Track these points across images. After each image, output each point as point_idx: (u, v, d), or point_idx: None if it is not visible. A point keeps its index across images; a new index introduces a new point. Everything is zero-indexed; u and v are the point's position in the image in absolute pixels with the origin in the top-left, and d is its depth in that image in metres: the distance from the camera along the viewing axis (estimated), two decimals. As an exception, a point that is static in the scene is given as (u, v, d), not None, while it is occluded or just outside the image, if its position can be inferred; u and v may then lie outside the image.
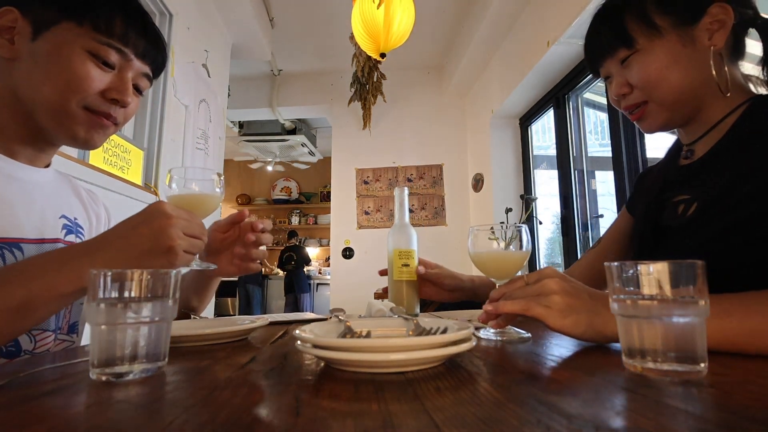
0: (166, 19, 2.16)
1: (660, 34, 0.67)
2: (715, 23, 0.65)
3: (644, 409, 0.28)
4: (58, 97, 0.62)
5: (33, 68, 0.62)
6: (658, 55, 0.67)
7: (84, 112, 0.64)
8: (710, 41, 0.66)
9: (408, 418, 0.27)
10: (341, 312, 0.67)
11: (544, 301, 0.52)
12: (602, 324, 0.49)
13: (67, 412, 0.30)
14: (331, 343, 0.41)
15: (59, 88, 0.62)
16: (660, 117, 0.71)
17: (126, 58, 0.66)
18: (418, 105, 4.16)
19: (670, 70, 0.67)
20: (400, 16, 2.02)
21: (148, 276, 0.39)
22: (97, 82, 0.63)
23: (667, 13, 0.67)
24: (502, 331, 0.59)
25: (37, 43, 0.62)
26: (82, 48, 0.62)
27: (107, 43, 0.64)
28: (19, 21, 0.62)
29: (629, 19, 0.69)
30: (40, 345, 0.64)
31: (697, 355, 0.34)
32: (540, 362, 0.43)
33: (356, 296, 3.85)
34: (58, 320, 0.68)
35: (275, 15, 3.31)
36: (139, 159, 1.96)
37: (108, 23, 0.63)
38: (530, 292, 0.54)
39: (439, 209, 4.00)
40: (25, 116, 0.64)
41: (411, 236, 0.93)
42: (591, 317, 0.50)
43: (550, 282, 0.53)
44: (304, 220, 7.01)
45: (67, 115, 0.63)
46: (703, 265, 0.35)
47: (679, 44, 0.67)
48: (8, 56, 0.63)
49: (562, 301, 0.51)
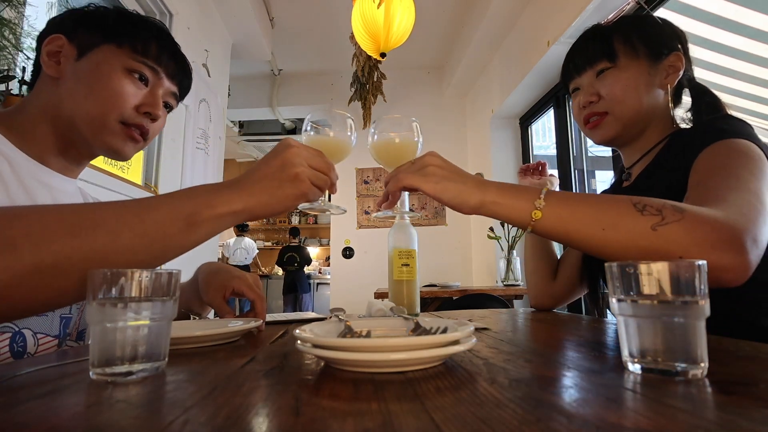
0: (166, 18, 2.16)
1: (637, 58, 0.80)
2: (672, 67, 0.80)
3: (644, 409, 0.28)
4: (99, 111, 0.68)
5: (76, 85, 0.69)
6: (631, 73, 0.79)
7: (120, 126, 0.70)
8: (666, 80, 0.80)
9: (408, 418, 0.27)
10: (341, 312, 0.67)
11: (421, 172, 0.62)
12: (468, 193, 0.60)
13: (67, 412, 0.30)
14: (331, 343, 0.41)
15: (99, 102, 0.68)
16: (612, 130, 0.82)
17: (158, 77, 0.74)
18: (418, 105, 4.16)
19: (636, 90, 0.79)
20: (400, 16, 2.02)
21: (148, 276, 0.39)
22: (132, 97, 0.70)
23: (643, 44, 0.80)
24: (395, 209, 0.70)
25: (80, 63, 0.69)
26: (120, 66, 0.70)
27: (143, 61, 0.71)
28: (66, 46, 0.69)
29: (617, 38, 0.81)
30: (41, 349, 0.64)
31: (697, 355, 0.34)
32: (540, 362, 0.43)
33: (356, 296, 3.86)
34: (68, 327, 0.69)
35: (275, 15, 3.31)
36: (139, 159, 1.96)
37: (144, 46, 0.71)
38: (412, 169, 0.64)
39: (439, 209, 4.00)
40: (65, 130, 0.70)
41: (411, 236, 0.93)
42: (459, 186, 0.61)
43: (429, 157, 0.65)
44: (304, 219, 7.01)
45: (105, 128, 0.69)
46: (703, 265, 0.35)
47: (646, 72, 0.79)
48: (54, 75, 0.69)
49: (436, 171, 0.62)
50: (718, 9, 1.88)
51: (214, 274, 0.80)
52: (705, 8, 1.89)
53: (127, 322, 0.38)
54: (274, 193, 0.54)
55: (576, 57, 0.86)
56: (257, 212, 0.53)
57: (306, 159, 0.56)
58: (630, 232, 0.52)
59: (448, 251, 3.91)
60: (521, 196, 0.59)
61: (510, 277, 2.97)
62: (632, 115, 0.80)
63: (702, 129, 0.73)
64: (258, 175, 0.55)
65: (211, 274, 0.81)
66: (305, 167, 0.56)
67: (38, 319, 0.64)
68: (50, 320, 0.66)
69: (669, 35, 0.82)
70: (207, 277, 0.81)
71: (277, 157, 0.56)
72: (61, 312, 0.68)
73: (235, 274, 0.80)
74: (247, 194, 0.53)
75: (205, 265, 0.86)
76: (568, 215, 0.56)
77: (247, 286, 0.78)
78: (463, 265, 3.90)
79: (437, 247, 3.88)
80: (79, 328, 0.72)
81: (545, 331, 0.69)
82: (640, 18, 0.86)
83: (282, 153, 0.56)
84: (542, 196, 0.57)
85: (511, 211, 0.59)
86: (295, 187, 0.55)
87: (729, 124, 0.70)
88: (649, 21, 0.84)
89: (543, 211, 0.57)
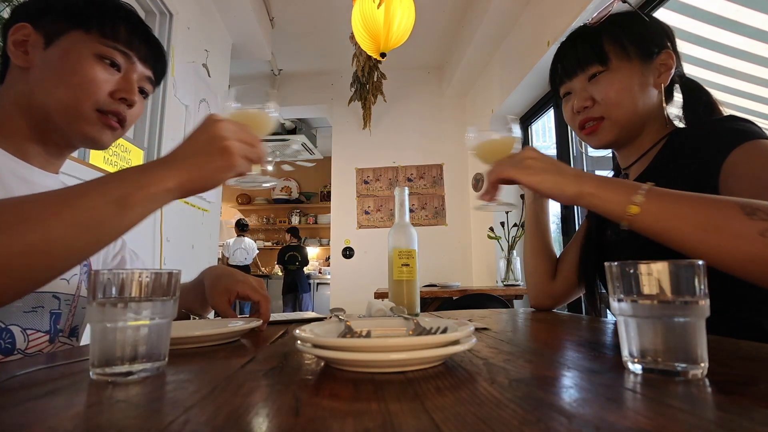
0: (166, 18, 2.16)
1: (629, 59, 0.78)
2: (663, 66, 0.79)
3: (644, 409, 0.28)
4: (73, 100, 0.66)
5: (46, 74, 0.67)
6: (625, 76, 0.78)
7: (96, 114, 0.68)
8: (659, 79, 0.79)
9: (408, 418, 0.27)
10: (341, 312, 0.67)
11: (519, 165, 0.64)
12: (565, 184, 0.61)
13: (67, 412, 0.30)
14: (331, 343, 0.41)
15: (71, 90, 0.66)
16: (610, 134, 0.81)
17: (130, 61, 0.71)
18: (418, 105, 4.16)
19: (631, 92, 0.77)
20: (400, 16, 2.02)
21: (148, 276, 0.39)
22: (105, 83, 0.68)
23: (634, 44, 0.78)
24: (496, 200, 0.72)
25: (48, 51, 0.67)
26: (90, 52, 0.67)
27: (113, 46, 0.69)
28: (32, 34, 0.67)
29: (606, 40, 0.79)
30: (32, 345, 0.64)
31: (697, 355, 0.34)
32: (540, 362, 0.43)
33: (356, 296, 3.85)
34: (59, 322, 0.68)
35: (275, 15, 3.31)
36: (140, 159, 1.96)
37: (113, 30, 0.69)
38: (510, 162, 0.66)
39: (439, 209, 4.00)
40: (39, 121, 0.68)
41: (411, 236, 0.93)
42: (557, 178, 0.61)
43: (527, 152, 0.66)
44: (304, 219, 7.01)
45: (81, 117, 0.68)
46: (703, 265, 0.35)
47: (639, 73, 0.78)
48: (23, 65, 0.67)
49: (534, 163, 0.63)
50: (718, 9, 1.88)
51: (218, 279, 0.80)
52: (705, 8, 1.89)
53: (127, 322, 0.38)
54: (204, 166, 0.53)
55: (565, 60, 0.84)
56: (190, 188, 0.53)
57: (233, 132, 0.55)
58: (735, 236, 0.50)
59: (448, 251, 3.91)
60: (620, 190, 0.57)
61: (510, 277, 2.97)
62: (629, 118, 0.79)
63: (713, 129, 0.71)
64: (187, 151, 0.54)
65: (215, 278, 0.81)
66: (234, 140, 0.55)
67: (26, 315, 0.64)
68: (40, 316, 0.66)
69: (658, 33, 0.80)
70: (212, 282, 0.81)
71: (204, 131, 0.55)
72: (51, 307, 0.67)
73: (239, 278, 0.80)
74: (178, 170, 0.52)
75: (210, 269, 0.86)
76: (668, 213, 0.54)
77: (251, 289, 0.78)
78: (463, 265, 3.90)
79: (437, 247, 3.88)
80: (72, 324, 0.71)
81: (545, 331, 0.69)
82: (627, 16, 0.82)
83: (209, 127, 0.55)
84: (642, 191, 0.55)
85: (608, 204, 0.58)
86: (225, 160, 0.54)
87: (742, 125, 0.68)
88: (637, 19, 0.82)
89: (641, 207, 0.55)
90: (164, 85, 2.11)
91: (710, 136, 0.70)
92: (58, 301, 0.69)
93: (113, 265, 0.86)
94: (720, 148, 0.66)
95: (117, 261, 0.86)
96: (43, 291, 0.67)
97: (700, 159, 0.67)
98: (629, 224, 0.57)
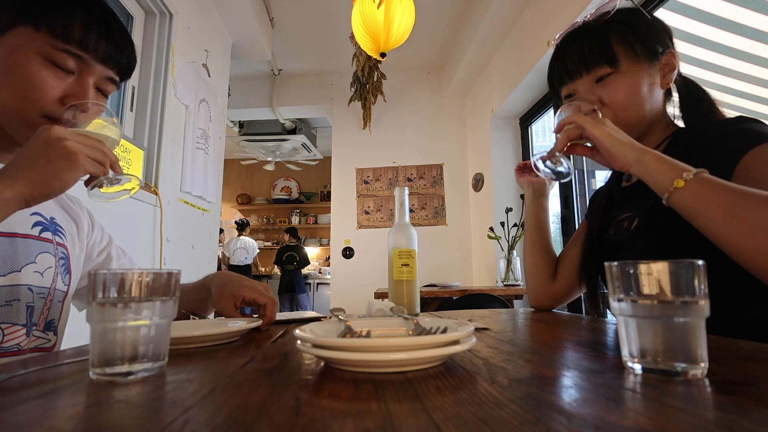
0: (166, 18, 2.16)
1: (638, 60, 0.76)
2: (667, 66, 0.78)
3: (644, 409, 0.28)
4: (17, 105, 0.61)
5: None
6: (635, 78, 0.76)
7: (43, 120, 0.62)
8: (664, 80, 0.78)
9: (408, 418, 0.27)
10: (341, 312, 0.67)
11: (595, 120, 0.69)
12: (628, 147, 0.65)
13: (67, 412, 0.30)
14: (331, 343, 0.41)
15: (16, 95, 0.61)
16: None
17: (86, 63, 0.64)
18: (419, 105, 4.16)
19: (640, 95, 0.76)
20: (401, 16, 2.01)
21: (148, 276, 0.39)
22: (53, 89, 0.62)
23: (640, 44, 0.76)
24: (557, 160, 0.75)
25: None
26: (37, 53, 0.60)
27: (64, 48, 0.61)
28: None
29: (614, 40, 0.76)
30: (8, 339, 0.63)
31: (697, 355, 0.34)
32: (540, 362, 0.43)
33: (356, 296, 3.85)
34: (33, 316, 0.67)
35: (275, 15, 3.31)
36: (139, 158, 1.96)
37: (66, 27, 0.61)
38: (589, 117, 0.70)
39: (439, 209, 4.00)
40: None
41: (411, 236, 0.93)
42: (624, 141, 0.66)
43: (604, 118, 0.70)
44: (304, 219, 7.01)
45: (25, 123, 0.62)
46: (703, 265, 0.35)
47: (647, 74, 0.76)
48: None
49: (609, 123, 0.68)
50: (718, 9, 1.88)
51: (224, 285, 0.81)
52: (705, 8, 1.89)
53: (127, 322, 0.38)
54: (45, 169, 0.51)
55: (567, 60, 0.80)
56: (35, 194, 0.51)
57: (71, 134, 0.53)
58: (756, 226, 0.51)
59: (448, 251, 3.90)
60: (675, 166, 0.60)
61: (510, 277, 2.97)
62: (637, 121, 0.77)
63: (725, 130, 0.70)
64: (21, 159, 0.52)
65: (222, 285, 0.81)
66: (73, 141, 0.53)
67: (1, 309, 0.62)
68: (16, 309, 0.64)
69: (661, 32, 0.79)
70: (219, 288, 0.81)
71: (38, 138, 0.53)
72: (27, 300, 0.66)
73: (244, 283, 0.80)
74: (13, 180, 0.50)
75: (216, 275, 0.87)
76: (709, 194, 0.56)
77: (257, 293, 0.78)
78: (463, 265, 3.89)
79: (437, 247, 3.88)
80: (47, 318, 0.69)
81: (545, 331, 0.69)
82: (631, 15, 0.79)
83: (42, 134, 0.53)
84: (695, 171, 0.58)
85: (658, 174, 0.61)
86: (69, 160, 0.52)
87: (756, 127, 0.67)
88: (642, 17, 0.79)
89: (687, 182, 0.57)
90: (164, 85, 2.11)
91: (722, 137, 0.69)
92: (32, 294, 0.67)
93: (99, 260, 0.85)
94: (734, 149, 0.65)
95: (103, 257, 0.85)
96: (19, 284, 0.65)
97: (710, 159, 0.66)
98: (669, 197, 0.59)
